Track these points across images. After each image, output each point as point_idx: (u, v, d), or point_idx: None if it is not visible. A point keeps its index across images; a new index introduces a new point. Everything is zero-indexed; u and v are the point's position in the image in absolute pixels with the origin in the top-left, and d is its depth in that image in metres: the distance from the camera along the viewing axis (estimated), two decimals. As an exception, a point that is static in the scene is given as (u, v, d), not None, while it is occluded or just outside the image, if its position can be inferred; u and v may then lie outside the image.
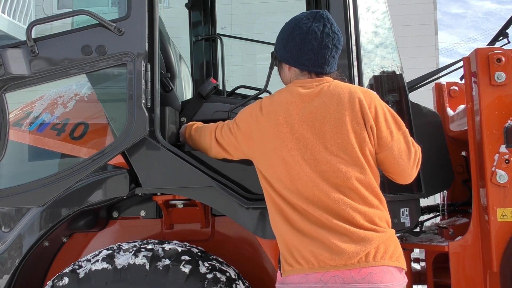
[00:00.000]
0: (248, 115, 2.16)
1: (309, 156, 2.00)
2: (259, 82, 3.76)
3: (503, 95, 2.70)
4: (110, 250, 2.50)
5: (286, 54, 2.15)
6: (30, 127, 2.94)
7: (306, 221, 1.97)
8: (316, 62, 2.10)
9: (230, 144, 2.26)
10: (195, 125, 2.57)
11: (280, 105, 2.08)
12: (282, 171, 2.03)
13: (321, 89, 2.09)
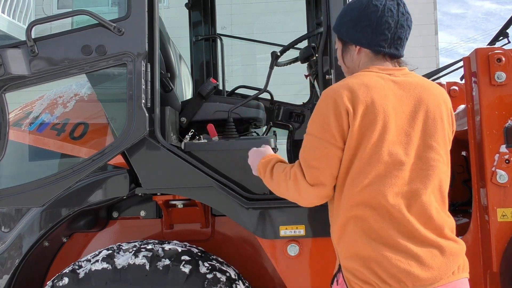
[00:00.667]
0: (334, 107, 1.80)
1: (411, 152, 1.81)
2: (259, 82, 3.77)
3: (503, 95, 2.69)
4: (110, 250, 2.50)
5: (358, 34, 1.94)
6: (30, 127, 2.94)
7: (394, 230, 1.74)
8: (392, 42, 1.93)
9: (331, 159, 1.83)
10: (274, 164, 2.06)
11: (377, 92, 1.82)
12: (376, 167, 1.77)
13: (412, 78, 1.93)
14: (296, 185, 1.85)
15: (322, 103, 1.85)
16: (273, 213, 2.54)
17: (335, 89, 1.83)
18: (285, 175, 1.91)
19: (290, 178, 1.87)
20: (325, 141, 1.81)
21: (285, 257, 2.55)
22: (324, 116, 1.82)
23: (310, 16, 4.22)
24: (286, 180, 1.89)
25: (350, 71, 2.03)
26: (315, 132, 1.85)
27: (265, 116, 3.38)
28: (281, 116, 3.86)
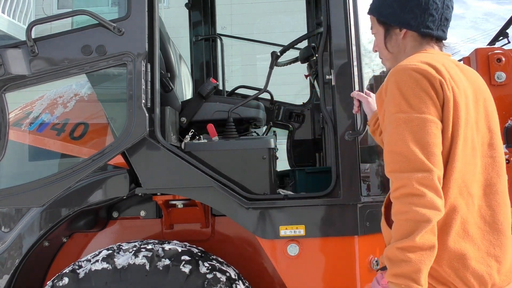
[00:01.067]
0: (428, 82, 1.61)
1: (486, 142, 1.71)
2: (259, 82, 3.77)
3: (503, 95, 2.70)
4: (110, 250, 2.50)
5: (407, 16, 1.80)
6: (30, 127, 2.94)
7: (477, 227, 1.63)
8: (439, 24, 1.81)
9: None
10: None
11: (453, 71, 1.68)
12: (464, 153, 1.62)
13: (463, 64, 1.82)
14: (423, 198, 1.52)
15: (405, 77, 1.62)
16: (273, 213, 2.54)
17: (418, 65, 1.63)
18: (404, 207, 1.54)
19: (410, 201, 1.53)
20: (429, 119, 1.58)
21: (285, 257, 2.55)
22: (415, 89, 1.60)
23: (310, 16, 4.22)
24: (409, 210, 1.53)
25: (394, 57, 1.89)
26: (410, 109, 1.59)
27: (265, 116, 3.38)
28: (281, 116, 3.86)
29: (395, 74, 1.66)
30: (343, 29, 2.55)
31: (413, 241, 1.50)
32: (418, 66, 1.63)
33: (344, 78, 2.54)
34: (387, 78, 1.69)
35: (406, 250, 1.51)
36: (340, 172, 2.50)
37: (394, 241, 1.55)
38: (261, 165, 2.59)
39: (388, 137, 1.63)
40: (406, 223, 1.53)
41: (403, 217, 1.54)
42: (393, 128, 1.60)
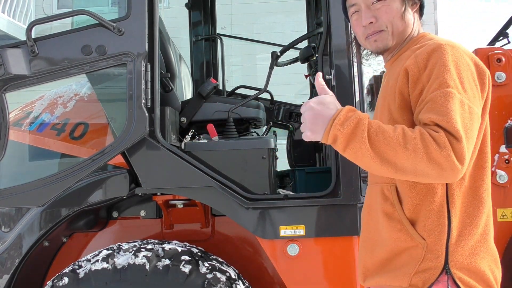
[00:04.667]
0: (476, 69, 1.51)
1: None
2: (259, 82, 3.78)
3: (503, 95, 2.70)
4: (110, 250, 2.50)
5: None
6: (30, 127, 2.94)
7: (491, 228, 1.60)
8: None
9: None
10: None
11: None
12: (489, 153, 1.56)
13: None
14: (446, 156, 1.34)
15: (461, 57, 1.48)
16: (273, 213, 2.54)
17: (470, 53, 1.54)
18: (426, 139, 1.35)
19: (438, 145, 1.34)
20: (476, 112, 1.44)
21: (285, 257, 2.55)
22: (468, 75, 1.46)
23: (310, 16, 4.22)
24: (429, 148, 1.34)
25: (400, 32, 1.69)
26: (464, 93, 1.43)
27: (265, 116, 3.38)
28: (281, 116, 3.86)
29: (447, 48, 1.48)
30: (343, 29, 2.55)
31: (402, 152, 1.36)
32: (468, 52, 1.52)
33: (344, 78, 2.54)
34: (430, 50, 1.50)
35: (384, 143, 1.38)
36: (340, 172, 2.51)
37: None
38: (261, 165, 2.59)
39: (436, 109, 1.39)
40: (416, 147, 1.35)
41: (400, 150, 1.36)
42: (447, 102, 1.38)
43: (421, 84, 1.48)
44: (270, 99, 3.87)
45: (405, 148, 1.35)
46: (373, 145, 1.38)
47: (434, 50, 1.49)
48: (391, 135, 1.38)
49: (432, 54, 1.49)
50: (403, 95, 1.54)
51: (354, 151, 1.40)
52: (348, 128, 1.39)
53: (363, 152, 1.38)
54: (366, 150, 1.38)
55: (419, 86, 1.49)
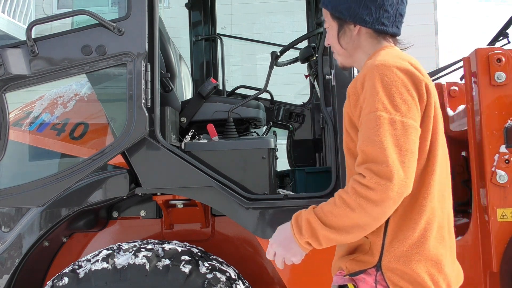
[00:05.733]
0: (411, 80, 1.56)
1: (443, 141, 1.68)
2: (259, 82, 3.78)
3: (503, 95, 2.69)
4: (110, 250, 2.50)
5: (362, 12, 1.71)
6: (30, 127, 2.94)
7: (448, 231, 1.65)
8: (394, 20, 1.75)
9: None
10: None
11: (421, 70, 1.64)
12: (437, 155, 1.62)
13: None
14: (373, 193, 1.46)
15: (391, 75, 1.55)
16: (273, 213, 2.54)
17: (402, 64, 1.57)
18: (345, 196, 1.50)
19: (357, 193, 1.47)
20: (411, 125, 1.51)
21: (285, 257, 2.54)
22: (401, 90, 1.53)
23: (310, 16, 4.22)
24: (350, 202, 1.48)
25: (348, 53, 1.79)
26: (394, 111, 1.50)
27: (265, 116, 3.38)
28: (281, 116, 3.86)
29: (377, 69, 1.56)
30: (343, 29, 2.54)
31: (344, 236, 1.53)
32: (402, 65, 1.57)
33: (344, 78, 2.54)
34: (365, 72, 1.59)
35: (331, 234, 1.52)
36: (340, 172, 2.50)
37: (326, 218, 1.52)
38: (261, 165, 2.59)
39: (365, 135, 1.51)
40: (350, 219, 1.50)
41: (351, 213, 1.48)
42: (374, 127, 1.49)
43: (360, 106, 1.59)
44: (270, 99, 3.87)
45: (352, 209, 1.48)
46: (332, 226, 1.52)
47: (367, 72, 1.58)
48: (336, 208, 1.51)
49: (365, 77, 1.58)
50: (349, 115, 1.67)
51: (326, 240, 1.54)
52: (306, 231, 1.55)
53: (332, 236, 1.53)
54: (331, 233, 1.52)
55: (358, 109, 1.60)
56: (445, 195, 1.66)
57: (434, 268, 1.57)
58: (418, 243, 1.56)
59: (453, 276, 1.63)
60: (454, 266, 1.66)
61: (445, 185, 1.66)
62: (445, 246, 1.61)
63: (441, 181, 1.63)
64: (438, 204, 1.60)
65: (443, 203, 1.63)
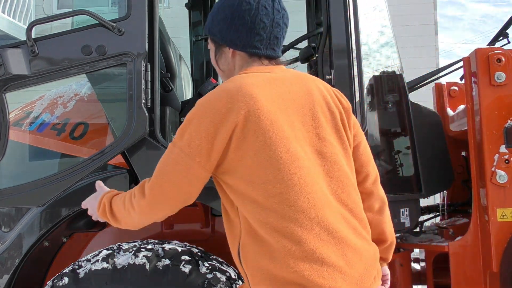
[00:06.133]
0: (217, 116, 1.63)
1: (307, 148, 1.65)
2: (259, 82, 3.76)
3: (503, 95, 2.70)
4: (110, 250, 2.50)
5: (231, 36, 1.78)
6: (30, 127, 2.94)
7: (305, 240, 1.57)
8: (268, 43, 1.76)
9: (188, 177, 1.67)
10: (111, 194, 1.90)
11: (260, 93, 1.64)
12: (277, 172, 1.59)
13: (291, 73, 1.80)
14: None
15: (197, 112, 1.65)
16: (273, 213, 2.54)
17: (214, 97, 1.65)
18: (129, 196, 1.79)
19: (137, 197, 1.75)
20: (192, 159, 1.64)
21: (285, 257, 2.54)
22: (198, 128, 1.63)
23: (310, 16, 4.22)
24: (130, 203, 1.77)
25: (226, 75, 1.86)
26: (183, 145, 1.65)
27: (265, 116, 3.37)
28: (281, 116, 3.85)
29: (196, 105, 1.69)
30: (343, 29, 2.55)
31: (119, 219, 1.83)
32: (214, 99, 1.66)
33: (344, 78, 2.54)
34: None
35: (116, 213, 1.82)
36: (340, 172, 2.50)
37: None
38: (261, 165, 2.58)
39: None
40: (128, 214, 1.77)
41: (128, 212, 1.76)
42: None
43: None
44: (270, 99, 3.86)
45: (127, 211, 1.77)
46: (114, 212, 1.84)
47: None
48: (121, 206, 1.80)
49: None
50: None
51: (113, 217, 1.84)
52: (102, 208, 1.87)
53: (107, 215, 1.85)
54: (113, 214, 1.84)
55: None
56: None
57: (272, 263, 1.62)
58: (260, 247, 1.65)
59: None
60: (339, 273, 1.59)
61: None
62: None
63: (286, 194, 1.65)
64: (263, 212, 1.65)
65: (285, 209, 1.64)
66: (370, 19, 3.08)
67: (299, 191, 1.58)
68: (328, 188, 1.64)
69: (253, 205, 1.61)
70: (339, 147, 1.72)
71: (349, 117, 1.81)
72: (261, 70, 1.76)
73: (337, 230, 1.59)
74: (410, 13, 9.27)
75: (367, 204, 1.81)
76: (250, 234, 1.63)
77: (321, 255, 1.55)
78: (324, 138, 1.68)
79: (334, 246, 1.57)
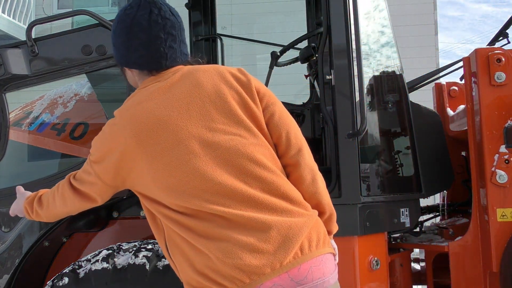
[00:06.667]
0: (107, 143, 1.74)
1: (200, 145, 1.65)
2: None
3: (503, 95, 2.70)
4: (110, 250, 2.50)
5: (118, 55, 1.85)
6: (30, 127, 2.94)
7: (214, 226, 1.58)
8: (150, 58, 1.76)
9: (95, 187, 1.84)
10: (38, 194, 2.10)
11: (142, 109, 1.69)
12: (179, 174, 1.63)
13: (181, 72, 1.78)
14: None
15: (108, 125, 1.75)
16: (273, 213, 2.54)
17: (116, 119, 1.73)
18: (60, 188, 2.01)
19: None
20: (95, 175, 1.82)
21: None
22: (104, 140, 1.77)
23: (310, 16, 4.22)
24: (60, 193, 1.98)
25: (135, 87, 1.90)
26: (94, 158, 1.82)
27: (265, 116, 3.36)
28: (281, 116, 3.85)
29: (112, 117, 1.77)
30: (343, 29, 2.55)
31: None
32: (115, 121, 1.74)
33: (344, 78, 2.54)
34: None
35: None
36: (340, 172, 2.50)
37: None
38: (261, 165, 2.58)
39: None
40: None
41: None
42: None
43: None
44: (270, 99, 3.86)
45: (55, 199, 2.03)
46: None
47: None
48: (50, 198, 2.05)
49: None
50: None
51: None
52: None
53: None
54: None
55: None
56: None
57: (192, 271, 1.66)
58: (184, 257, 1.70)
59: (242, 265, 1.55)
60: (244, 252, 1.57)
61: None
62: (200, 244, 1.63)
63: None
64: (173, 213, 1.69)
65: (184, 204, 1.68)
66: (370, 19, 3.08)
67: (196, 192, 1.60)
68: (231, 176, 1.62)
69: (163, 211, 1.67)
70: (238, 130, 1.68)
71: (250, 92, 1.76)
72: (151, 82, 1.77)
73: (244, 215, 1.57)
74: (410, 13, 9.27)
75: (296, 175, 1.74)
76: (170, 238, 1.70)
77: (230, 239, 1.55)
78: (215, 128, 1.67)
79: (244, 230, 1.57)
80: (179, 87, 1.73)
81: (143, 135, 1.65)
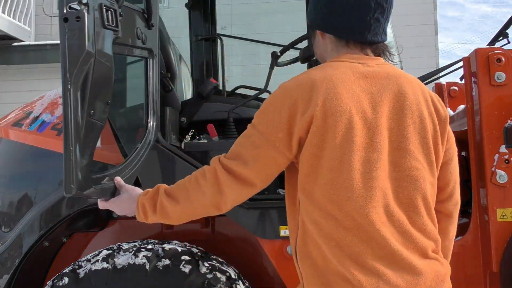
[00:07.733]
0: (289, 101, 1.54)
1: (383, 157, 1.53)
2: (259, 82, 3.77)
3: (503, 95, 2.70)
4: (110, 250, 2.51)
5: (317, 17, 1.67)
6: (30, 127, 2.94)
7: (368, 249, 1.51)
8: (353, 25, 1.60)
9: (262, 163, 1.59)
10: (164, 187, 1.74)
11: (343, 87, 1.52)
12: (345, 178, 1.49)
13: (386, 69, 1.61)
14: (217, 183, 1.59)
15: (277, 95, 1.58)
16: (273, 213, 2.54)
17: (294, 84, 1.57)
18: (199, 177, 1.62)
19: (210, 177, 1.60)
20: (266, 140, 1.55)
21: (285, 257, 2.55)
22: (275, 111, 1.55)
23: (310, 16, 4.21)
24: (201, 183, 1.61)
25: (319, 58, 1.79)
26: (261, 126, 1.57)
27: (265, 116, 3.37)
28: (281, 116, 3.85)
29: (277, 89, 1.63)
30: (343, 29, 2.55)
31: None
32: (294, 86, 1.58)
33: (344, 78, 2.53)
34: None
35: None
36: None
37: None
38: (261, 165, 2.58)
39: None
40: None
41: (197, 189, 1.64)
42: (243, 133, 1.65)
43: None
44: (270, 99, 3.86)
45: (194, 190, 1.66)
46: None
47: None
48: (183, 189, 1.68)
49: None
50: None
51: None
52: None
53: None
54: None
55: None
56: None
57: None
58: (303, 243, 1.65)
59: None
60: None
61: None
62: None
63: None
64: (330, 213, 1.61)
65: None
66: (370, 19, 3.07)
67: (363, 204, 1.48)
68: (395, 205, 1.52)
69: (313, 204, 1.54)
70: (423, 161, 1.57)
71: (444, 129, 1.64)
72: (352, 59, 1.61)
73: (397, 250, 1.49)
74: (410, 13, 9.27)
75: (444, 226, 1.71)
76: (306, 233, 1.58)
77: (376, 268, 1.47)
78: (406, 150, 1.54)
79: (393, 264, 1.49)
80: (384, 87, 1.57)
81: (335, 116, 1.50)
